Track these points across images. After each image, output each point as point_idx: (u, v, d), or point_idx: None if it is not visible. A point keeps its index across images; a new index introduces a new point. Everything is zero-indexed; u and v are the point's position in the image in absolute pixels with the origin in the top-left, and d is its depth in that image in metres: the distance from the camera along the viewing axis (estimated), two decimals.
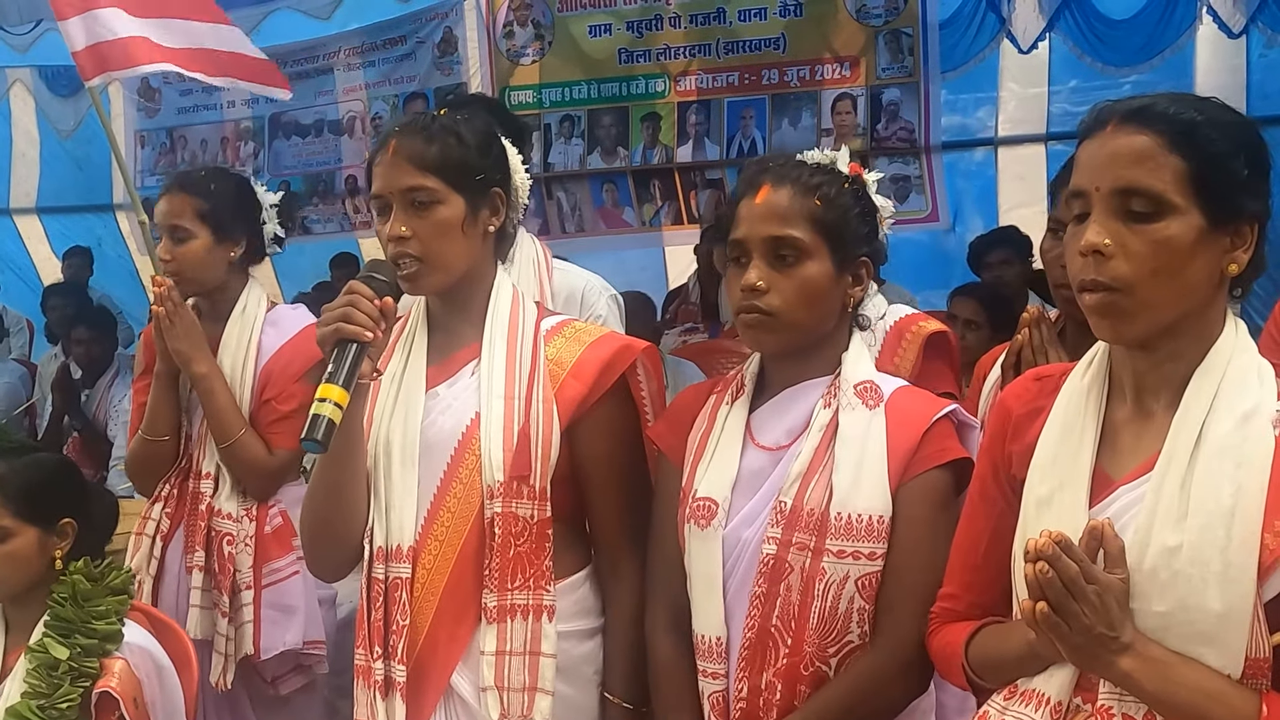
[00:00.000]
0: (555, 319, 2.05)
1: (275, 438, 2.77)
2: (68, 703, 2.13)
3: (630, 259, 6.28)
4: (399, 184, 1.90)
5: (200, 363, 2.72)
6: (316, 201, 7.62)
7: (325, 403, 1.71)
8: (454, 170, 1.92)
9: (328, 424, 1.70)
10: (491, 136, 2.02)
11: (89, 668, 2.17)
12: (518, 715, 1.87)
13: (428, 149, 1.91)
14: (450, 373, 1.98)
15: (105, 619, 2.22)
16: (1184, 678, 1.31)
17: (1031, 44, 6.11)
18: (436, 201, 1.91)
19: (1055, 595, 1.30)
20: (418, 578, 1.90)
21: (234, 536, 2.73)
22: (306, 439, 1.70)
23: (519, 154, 2.08)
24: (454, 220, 1.92)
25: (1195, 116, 1.36)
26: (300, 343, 2.77)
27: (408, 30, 7.14)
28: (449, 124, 1.95)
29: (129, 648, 2.23)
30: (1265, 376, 1.39)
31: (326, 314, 1.79)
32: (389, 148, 1.93)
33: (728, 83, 6.41)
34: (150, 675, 2.25)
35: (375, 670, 1.91)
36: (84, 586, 2.23)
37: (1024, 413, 1.56)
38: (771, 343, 1.80)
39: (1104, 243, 1.35)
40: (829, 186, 1.79)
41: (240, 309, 2.83)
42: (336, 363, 1.75)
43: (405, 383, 1.97)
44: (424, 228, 1.90)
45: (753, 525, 1.76)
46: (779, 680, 1.72)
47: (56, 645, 2.17)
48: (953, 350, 2.34)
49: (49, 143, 8.19)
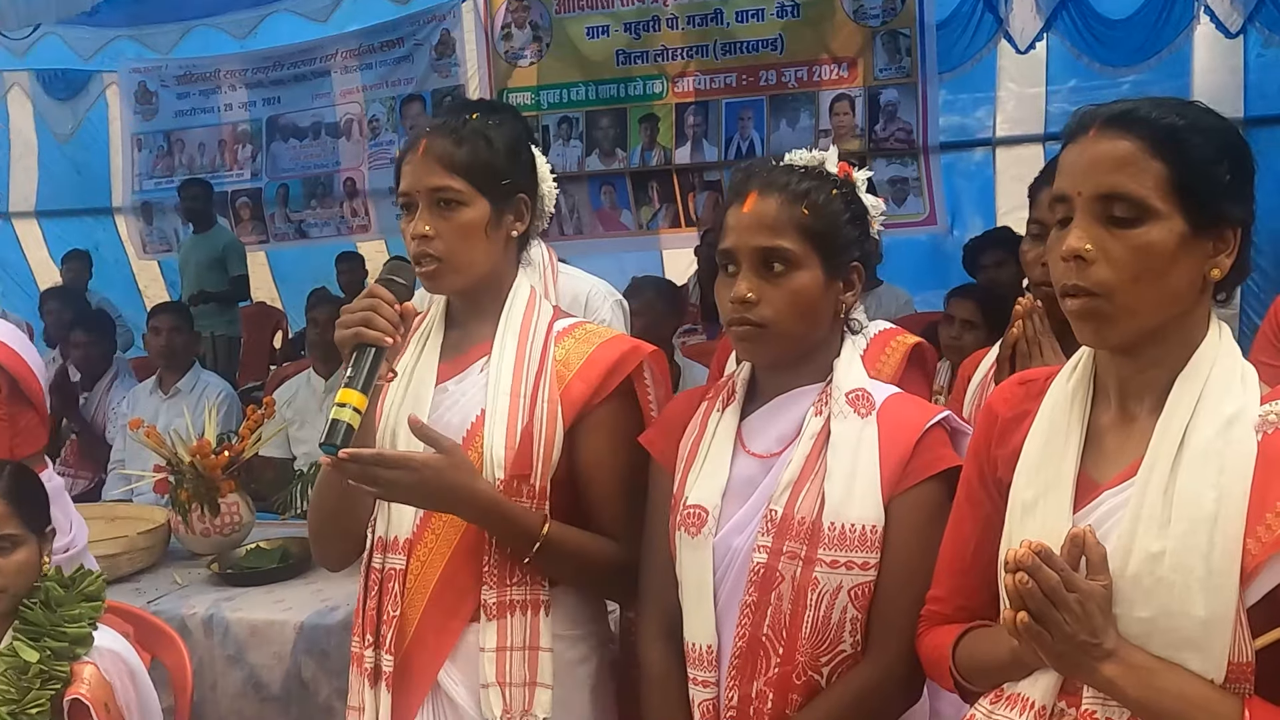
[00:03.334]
0: (568, 321, 2.06)
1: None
2: (37, 708, 2.13)
3: (627, 262, 6.29)
4: (426, 183, 1.92)
5: None
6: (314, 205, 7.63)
7: (345, 408, 1.74)
8: (481, 173, 1.93)
9: (347, 429, 1.73)
10: (521, 143, 2.02)
11: (59, 671, 2.16)
12: (519, 711, 1.89)
13: (457, 150, 1.92)
14: (461, 369, 1.99)
15: (76, 624, 2.22)
16: (1167, 684, 1.31)
17: (1029, 44, 6.12)
18: (461, 203, 1.92)
19: (1036, 605, 1.30)
20: (411, 569, 1.93)
21: None
22: (326, 443, 1.73)
23: (547, 164, 2.08)
24: (478, 223, 1.93)
25: (1178, 121, 1.36)
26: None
27: (405, 32, 7.15)
28: (480, 127, 1.96)
29: (99, 652, 2.23)
30: (1248, 381, 1.39)
31: (346, 315, 1.81)
32: (419, 147, 1.94)
33: (725, 84, 6.42)
34: (124, 678, 2.26)
35: (366, 658, 1.94)
36: (56, 592, 2.23)
37: (1010, 416, 1.56)
38: (764, 354, 1.80)
39: (1085, 248, 1.35)
40: (817, 192, 1.77)
41: None
42: (356, 367, 1.77)
43: (416, 377, 1.99)
44: (447, 228, 1.91)
45: (743, 533, 1.76)
46: (770, 689, 1.71)
47: (26, 649, 2.17)
48: (929, 362, 2.36)
49: (47, 146, 8.21)
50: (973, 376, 2.33)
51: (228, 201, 7.89)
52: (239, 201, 7.90)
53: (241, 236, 7.82)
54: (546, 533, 1.90)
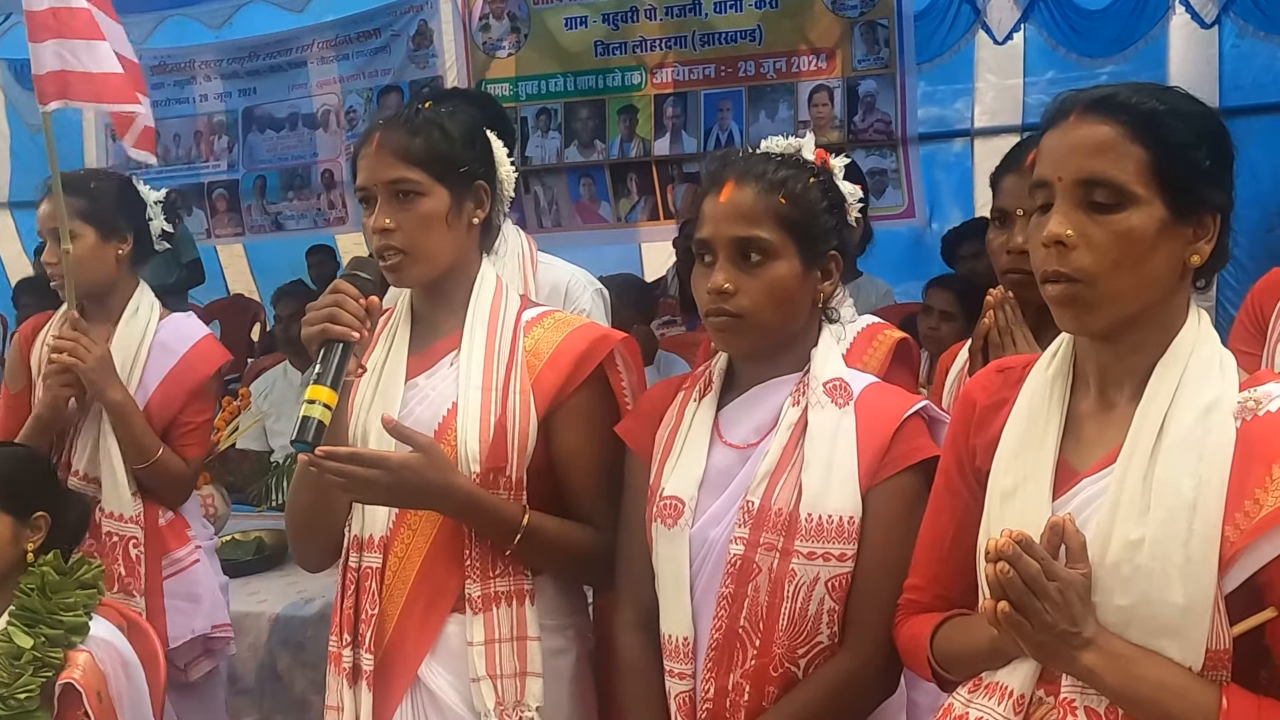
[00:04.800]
0: (537, 310, 2.05)
1: (188, 449, 2.82)
2: (27, 693, 2.13)
3: (606, 254, 6.27)
4: (383, 176, 1.91)
5: (115, 390, 2.71)
6: (291, 196, 7.58)
7: (315, 404, 1.73)
8: (438, 162, 1.92)
9: (318, 425, 1.73)
10: (476, 129, 2.02)
11: (53, 658, 2.17)
12: (512, 701, 1.88)
13: (411, 141, 1.92)
14: (430, 363, 1.98)
15: (72, 611, 2.23)
16: (1146, 672, 1.31)
17: (1006, 35, 6.13)
18: (420, 194, 1.91)
19: (1017, 594, 1.30)
20: (389, 566, 1.92)
21: (122, 536, 2.74)
22: (298, 440, 1.72)
23: (504, 147, 2.08)
24: (438, 212, 1.92)
25: (1158, 106, 1.35)
26: (191, 360, 2.82)
27: (382, 23, 7.11)
28: (433, 116, 1.96)
29: (95, 641, 2.24)
30: (1227, 367, 1.38)
31: (312, 313, 1.80)
32: (373, 141, 1.94)
33: (704, 75, 6.40)
34: (116, 669, 2.26)
35: (344, 657, 1.93)
36: (52, 579, 2.24)
37: (988, 404, 1.55)
38: (741, 344, 1.79)
39: (1066, 233, 1.34)
40: (794, 181, 1.75)
41: (131, 311, 2.82)
42: (324, 363, 1.76)
43: (385, 373, 1.98)
44: (408, 220, 1.91)
45: (720, 525, 1.75)
46: (746, 681, 1.70)
47: (20, 634, 2.18)
48: (914, 358, 2.36)
49: (19, 136, 8.11)
50: (950, 369, 2.33)
51: (204, 193, 7.84)
52: (215, 193, 7.84)
53: (218, 228, 7.76)
54: (526, 523, 1.90)
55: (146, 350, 2.79)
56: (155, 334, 2.81)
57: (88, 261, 2.75)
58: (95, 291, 2.79)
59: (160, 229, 2.89)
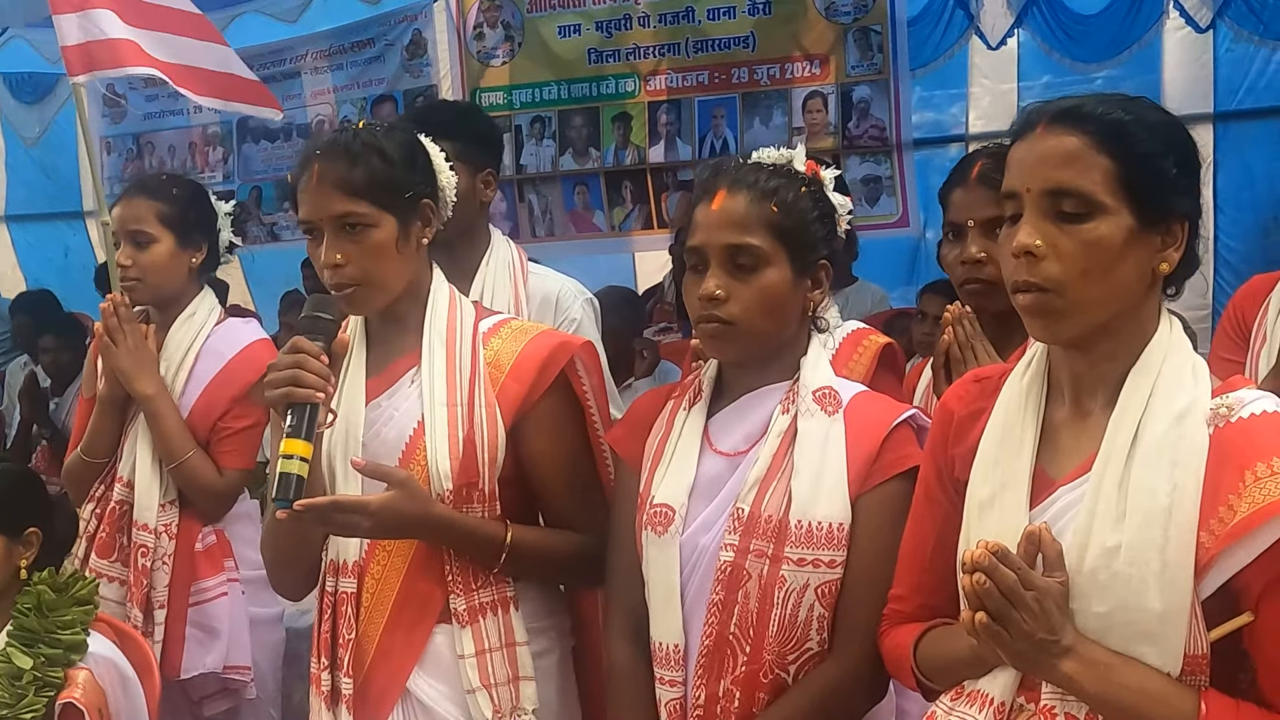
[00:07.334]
0: (493, 319, 2.04)
1: (225, 457, 2.76)
2: (32, 713, 2.14)
3: (600, 263, 6.27)
4: (328, 211, 1.89)
5: (146, 383, 2.68)
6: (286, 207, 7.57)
7: (292, 459, 1.73)
8: (382, 191, 1.89)
9: (297, 480, 1.74)
10: (415, 146, 1.99)
11: (53, 677, 2.18)
12: (509, 707, 1.90)
13: (352, 172, 1.88)
14: (389, 383, 1.98)
15: (70, 629, 2.23)
16: (1125, 679, 1.32)
17: (1000, 40, 6.13)
18: (368, 225, 1.89)
19: (994, 604, 1.31)
20: (366, 588, 1.92)
21: (148, 549, 2.69)
22: (279, 498, 1.73)
23: (441, 153, 2.04)
24: (388, 241, 1.91)
25: (1123, 116, 1.37)
26: (241, 363, 2.75)
27: (376, 33, 7.10)
28: (370, 140, 1.92)
29: (94, 658, 2.25)
30: (1199, 374, 1.40)
31: (273, 374, 1.78)
32: (313, 172, 1.90)
33: (698, 82, 6.41)
34: (115, 686, 2.27)
35: (323, 680, 1.94)
36: (49, 597, 2.24)
37: (965, 414, 1.57)
38: (732, 351, 1.80)
39: (1035, 244, 1.35)
40: (786, 190, 1.77)
41: (187, 314, 2.79)
42: (296, 417, 1.76)
43: (345, 396, 1.95)
44: (358, 252, 1.89)
45: (710, 532, 1.76)
46: (737, 688, 1.71)
47: (20, 655, 2.18)
48: (899, 363, 2.38)
49: (14, 150, 8.11)
50: (917, 386, 2.34)
51: None
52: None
53: None
54: (510, 539, 1.90)
55: (195, 354, 2.75)
56: (208, 338, 2.77)
57: (163, 268, 2.72)
58: (164, 299, 2.76)
59: (228, 240, 2.87)
